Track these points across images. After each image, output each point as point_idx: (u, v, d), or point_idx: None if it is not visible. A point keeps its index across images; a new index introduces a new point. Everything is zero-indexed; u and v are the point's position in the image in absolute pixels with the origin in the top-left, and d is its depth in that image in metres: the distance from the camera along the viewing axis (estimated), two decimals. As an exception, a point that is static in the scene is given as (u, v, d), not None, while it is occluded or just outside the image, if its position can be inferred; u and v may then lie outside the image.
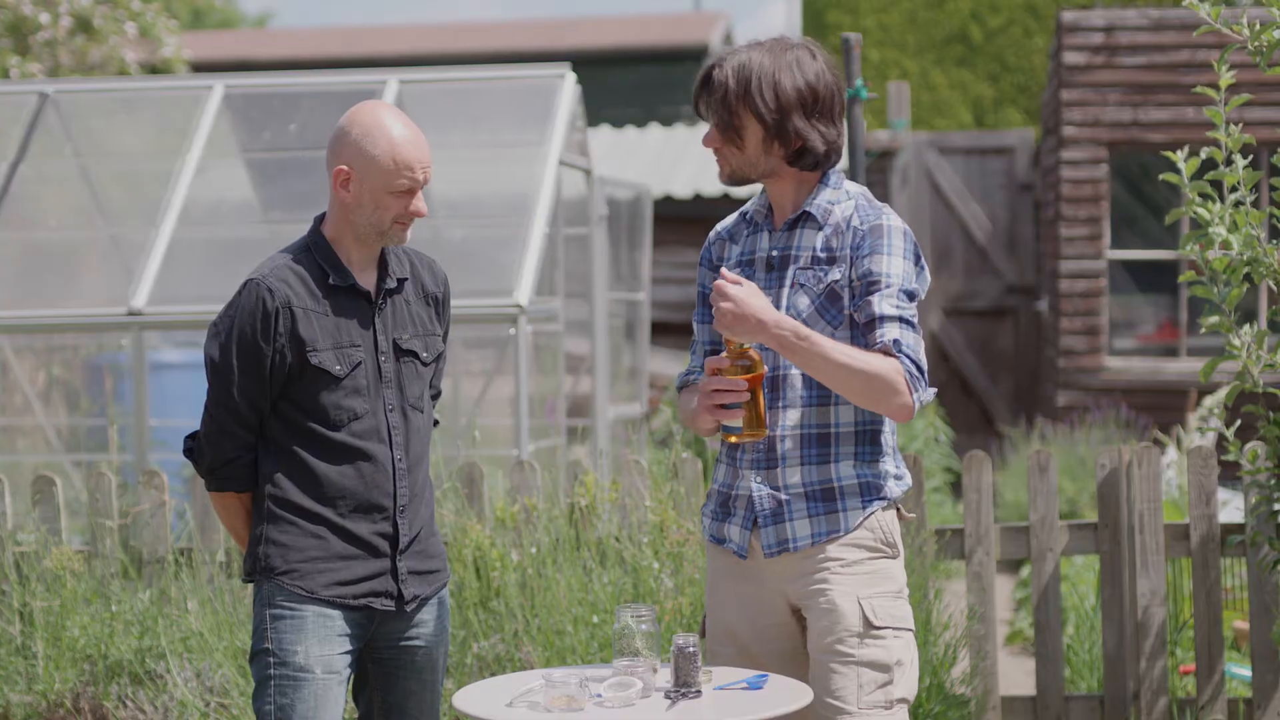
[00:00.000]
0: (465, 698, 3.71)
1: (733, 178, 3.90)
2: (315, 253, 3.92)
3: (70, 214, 9.80)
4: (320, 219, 3.99)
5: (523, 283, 8.45)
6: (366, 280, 3.95)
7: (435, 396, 4.10)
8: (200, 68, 21.02)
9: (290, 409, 3.88)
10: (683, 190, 16.28)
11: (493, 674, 5.67)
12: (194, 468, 3.99)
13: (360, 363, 3.89)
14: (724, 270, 3.78)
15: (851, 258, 3.82)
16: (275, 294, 3.84)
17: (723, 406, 3.76)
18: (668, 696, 3.65)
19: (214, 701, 5.79)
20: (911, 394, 3.72)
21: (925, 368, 3.77)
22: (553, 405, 10.35)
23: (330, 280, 3.89)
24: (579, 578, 5.81)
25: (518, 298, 8.38)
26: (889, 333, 3.74)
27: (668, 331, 15.83)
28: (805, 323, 3.82)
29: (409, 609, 3.95)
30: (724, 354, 3.78)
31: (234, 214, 9.77)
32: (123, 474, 8.45)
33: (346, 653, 3.90)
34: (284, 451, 3.89)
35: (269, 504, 3.89)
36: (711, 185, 16.28)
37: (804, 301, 3.84)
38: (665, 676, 3.75)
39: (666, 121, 22.37)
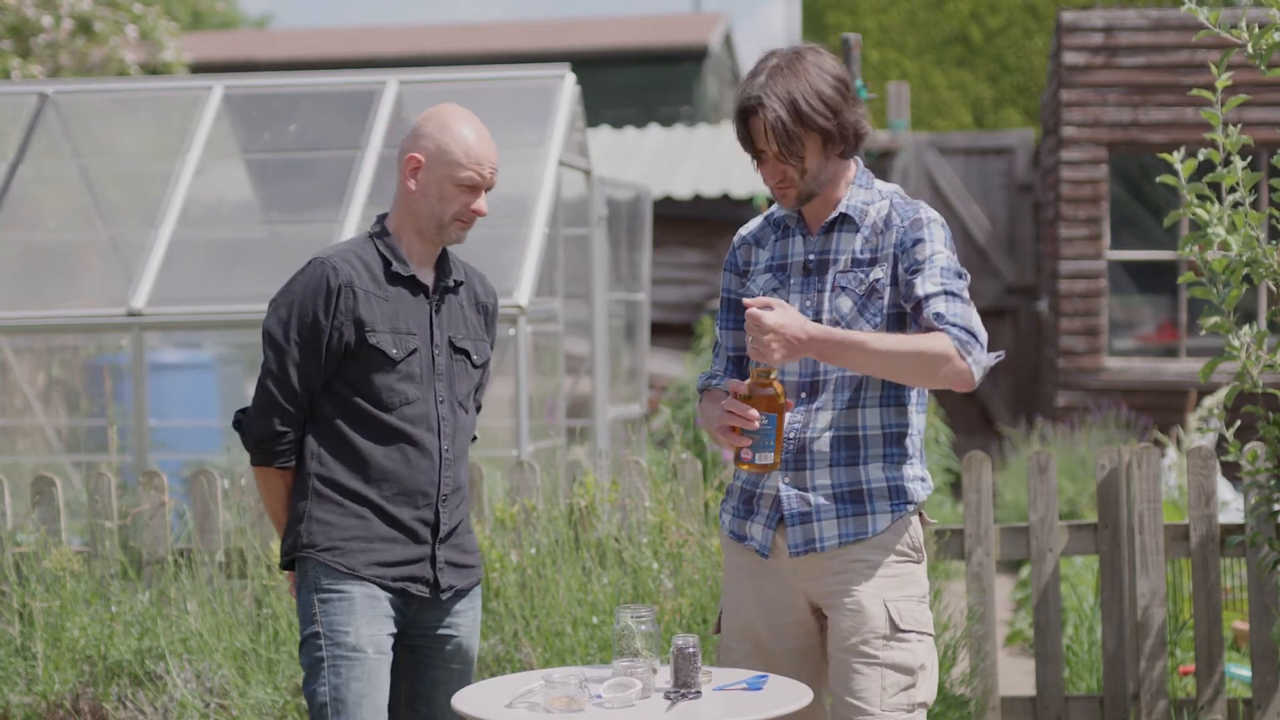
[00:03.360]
0: (465, 698, 3.71)
1: (800, 198, 3.86)
2: (378, 241, 4.02)
3: (70, 215, 9.79)
4: (384, 216, 4.09)
5: (522, 283, 8.45)
6: (425, 276, 4.04)
7: (478, 407, 4.18)
8: (200, 69, 21.03)
9: (343, 387, 3.94)
10: (682, 191, 16.28)
11: (492, 675, 5.67)
12: (241, 441, 4.03)
13: (415, 350, 3.97)
14: (747, 301, 3.75)
15: (896, 255, 3.83)
16: (339, 273, 3.93)
17: (738, 431, 3.75)
18: (667, 697, 3.65)
19: (214, 702, 5.79)
20: (964, 359, 3.71)
21: (978, 331, 3.74)
22: (552, 406, 10.35)
23: (392, 268, 3.98)
24: (578, 578, 5.81)
25: (517, 298, 8.38)
26: (932, 307, 3.75)
27: (667, 332, 15.83)
28: (847, 324, 3.82)
29: (444, 598, 4.00)
30: (748, 380, 3.76)
31: (234, 215, 9.76)
32: (122, 475, 8.45)
33: (391, 634, 3.95)
34: (333, 430, 3.94)
35: (314, 482, 3.94)
36: (710, 185, 16.29)
37: (847, 304, 3.84)
38: (665, 677, 3.75)
39: (666, 122, 22.37)
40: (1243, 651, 6.87)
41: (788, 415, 3.84)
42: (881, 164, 15.60)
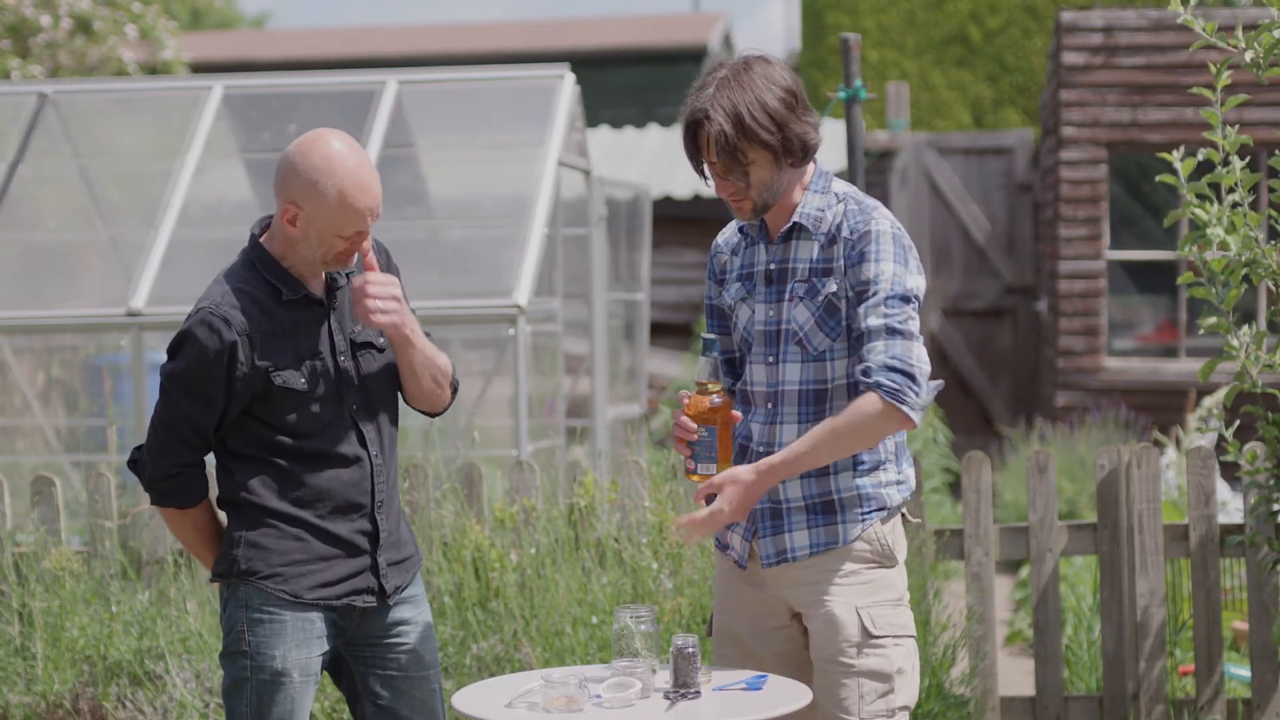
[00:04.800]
0: (464, 698, 3.71)
1: (756, 211, 3.85)
2: (262, 269, 3.86)
3: (69, 215, 9.80)
4: (260, 231, 3.91)
5: (522, 283, 8.45)
6: (317, 286, 3.91)
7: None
8: (199, 68, 21.02)
9: (258, 425, 3.85)
10: (681, 191, 16.28)
11: (492, 675, 5.68)
12: (139, 481, 3.95)
13: (323, 371, 3.86)
14: (682, 521, 3.80)
15: (845, 267, 3.81)
16: (232, 324, 3.78)
17: (684, 442, 3.78)
18: (667, 697, 3.65)
19: (213, 702, 5.79)
20: (900, 408, 3.70)
21: (915, 370, 3.71)
22: (552, 406, 10.35)
23: (284, 296, 3.84)
24: (578, 578, 5.81)
25: (517, 298, 8.38)
26: (869, 355, 3.73)
27: (667, 332, 15.84)
28: (805, 336, 3.83)
29: (391, 601, 3.95)
30: (694, 393, 3.79)
31: (233, 214, 9.76)
32: (122, 475, 8.44)
33: (323, 654, 3.90)
34: (257, 461, 3.86)
35: (247, 509, 3.86)
36: (710, 186, 16.26)
37: (803, 314, 3.84)
38: (664, 677, 3.75)
39: (665, 122, 22.37)
40: (1242, 651, 6.87)
41: (757, 426, 3.87)
42: (881, 164, 15.60)
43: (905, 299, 3.76)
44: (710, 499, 3.81)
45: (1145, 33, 13.64)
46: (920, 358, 3.73)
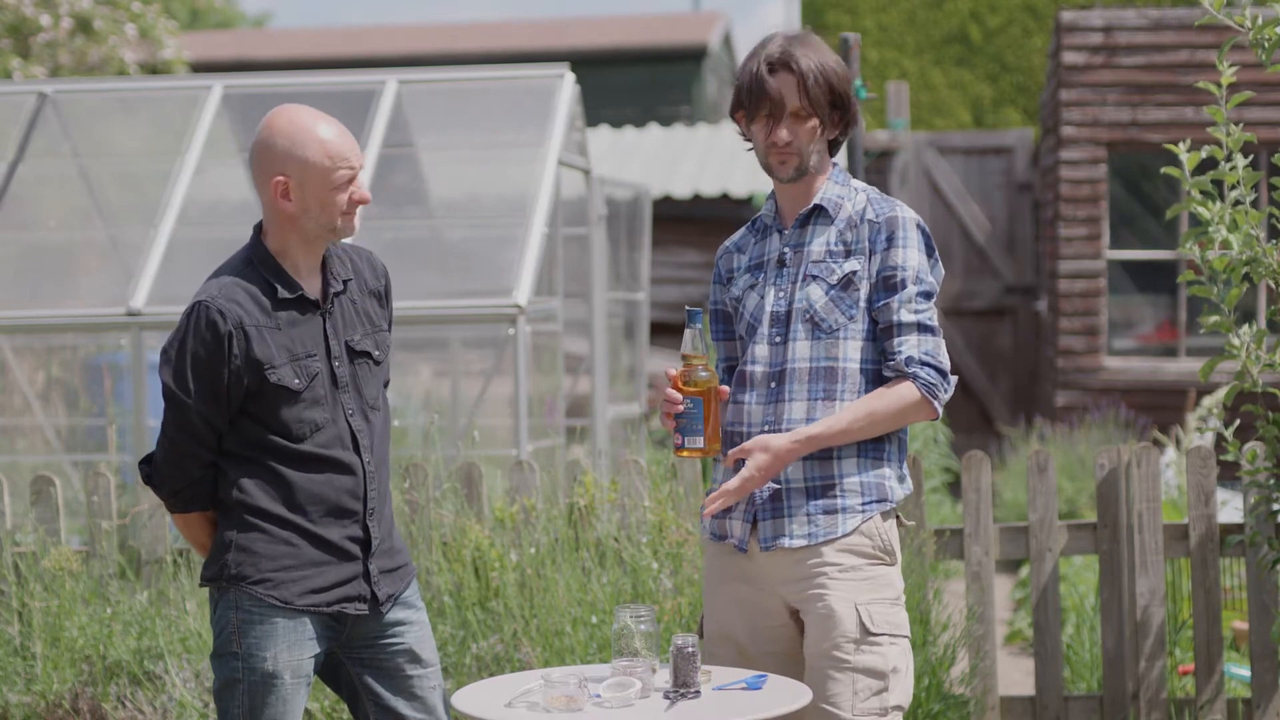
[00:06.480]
0: (464, 698, 3.71)
1: (798, 170, 3.89)
2: (260, 267, 3.87)
3: (69, 214, 9.79)
4: (259, 229, 3.92)
5: (522, 283, 8.44)
6: (313, 286, 3.91)
7: (384, 384, 4.08)
8: (199, 68, 21.02)
9: (251, 425, 3.84)
10: (681, 190, 16.28)
11: (491, 674, 5.67)
12: (155, 493, 3.95)
13: (317, 373, 3.86)
14: (709, 502, 3.83)
15: (869, 250, 3.85)
16: (227, 316, 3.79)
17: (671, 416, 3.79)
18: (667, 697, 3.65)
19: (212, 702, 5.78)
20: (932, 402, 3.82)
21: (945, 367, 3.85)
22: (552, 405, 10.34)
23: (279, 294, 3.85)
24: (578, 578, 5.81)
25: (517, 298, 8.37)
26: (905, 347, 3.81)
27: (667, 331, 15.83)
28: (819, 314, 3.84)
29: (384, 609, 3.95)
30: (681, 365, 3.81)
31: (233, 214, 9.76)
32: (121, 474, 8.44)
33: (315, 655, 3.89)
34: (251, 462, 3.85)
35: (239, 510, 3.85)
36: (710, 185, 16.29)
37: (817, 292, 3.85)
38: (664, 677, 3.75)
39: (665, 121, 22.37)
40: (1242, 651, 6.87)
41: (758, 407, 3.86)
42: (881, 163, 15.60)
43: (928, 295, 3.86)
44: (739, 466, 3.82)
45: (1145, 32, 13.64)
46: (946, 354, 3.86)
